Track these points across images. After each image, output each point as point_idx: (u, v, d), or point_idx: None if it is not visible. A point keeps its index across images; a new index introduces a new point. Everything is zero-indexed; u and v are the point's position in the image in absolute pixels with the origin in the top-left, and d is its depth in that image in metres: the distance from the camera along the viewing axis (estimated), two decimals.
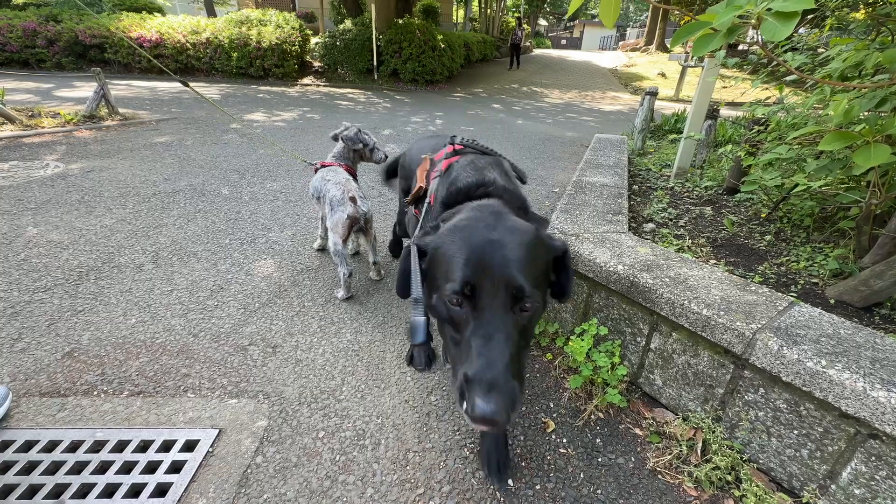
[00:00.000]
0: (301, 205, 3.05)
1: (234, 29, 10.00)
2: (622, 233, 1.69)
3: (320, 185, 2.00)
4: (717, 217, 2.29)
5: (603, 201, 2.06)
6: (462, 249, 0.79)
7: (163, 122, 5.32)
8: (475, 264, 0.76)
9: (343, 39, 10.52)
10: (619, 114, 8.51)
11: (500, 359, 0.70)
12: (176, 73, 9.97)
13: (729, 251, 1.91)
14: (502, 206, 0.97)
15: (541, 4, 33.90)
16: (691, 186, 2.78)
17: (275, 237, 2.56)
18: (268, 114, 6.37)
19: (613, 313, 1.46)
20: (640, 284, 1.32)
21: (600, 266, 1.44)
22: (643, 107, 4.07)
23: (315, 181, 2.05)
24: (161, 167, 3.67)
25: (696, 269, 1.39)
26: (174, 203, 2.96)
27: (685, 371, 1.29)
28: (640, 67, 16.83)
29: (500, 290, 0.74)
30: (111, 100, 5.17)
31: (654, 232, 2.08)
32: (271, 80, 10.20)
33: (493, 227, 0.82)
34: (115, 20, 9.97)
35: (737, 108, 5.26)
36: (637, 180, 2.99)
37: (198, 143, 4.51)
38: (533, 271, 0.78)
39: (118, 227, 2.55)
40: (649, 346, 1.38)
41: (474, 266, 0.76)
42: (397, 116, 6.81)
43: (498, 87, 11.64)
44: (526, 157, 4.72)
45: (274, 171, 3.78)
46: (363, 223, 1.94)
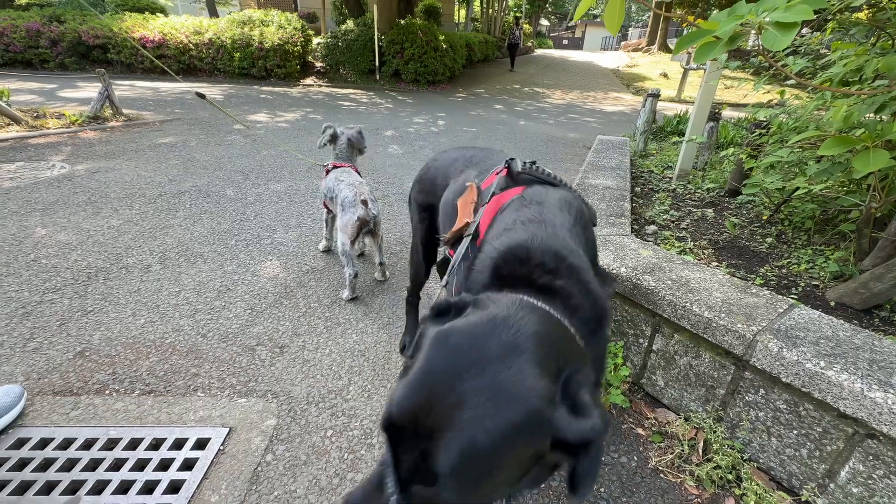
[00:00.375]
0: (305, 206, 3.08)
1: (236, 29, 10.03)
2: (625, 235, 1.71)
3: (333, 186, 2.05)
4: (719, 219, 2.31)
5: (606, 204, 2.08)
6: (420, 376, 0.50)
7: (166, 123, 5.35)
8: (412, 409, 0.47)
9: (345, 40, 10.55)
10: (620, 114, 8.53)
11: None
12: (178, 74, 10.01)
13: (730, 253, 1.93)
14: (539, 326, 0.57)
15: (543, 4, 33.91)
16: (693, 188, 2.80)
17: (280, 238, 2.59)
18: (270, 114, 6.40)
19: (616, 315, 1.48)
20: (643, 287, 1.34)
21: (603, 268, 1.46)
22: (645, 108, 4.09)
23: (329, 181, 2.10)
24: (166, 168, 3.70)
25: (698, 272, 1.42)
26: (180, 204, 2.98)
27: (687, 372, 1.31)
28: (642, 68, 16.83)
29: (419, 469, 0.45)
30: (115, 101, 5.20)
31: (656, 234, 2.10)
32: (273, 80, 10.22)
33: (480, 371, 0.49)
34: (118, 20, 10.01)
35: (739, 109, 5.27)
36: (639, 182, 3.01)
37: (202, 144, 4.54)
38: (479, 479, 0.45)
39: (125, 227, 2.58)
40: (651, 347, 1.40)
41: (410, 410, 0.47)
42: (399, 117, 6.84)
43: (500, 88, 11.66)
44: (528, 158, 4.73)
45: (278, 171, 3.80)
46: (372, 225, 1.98)
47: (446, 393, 0.47)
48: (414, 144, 5.08)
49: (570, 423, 0.49)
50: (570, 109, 8.90)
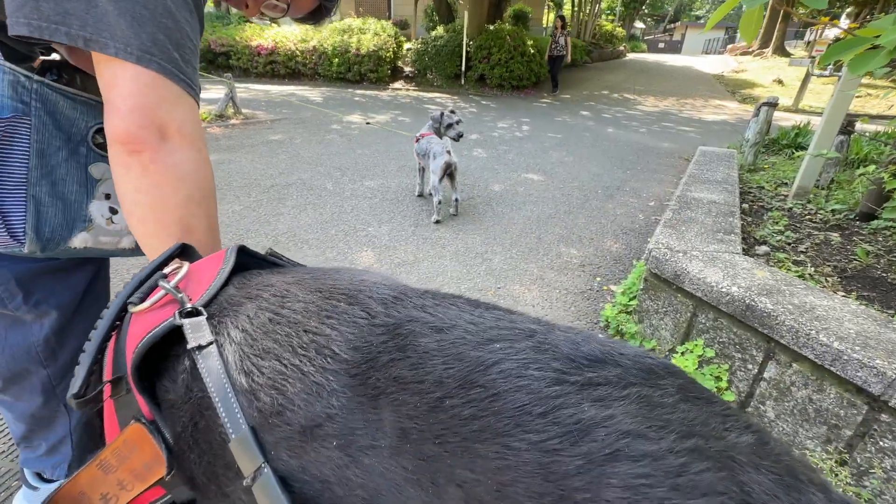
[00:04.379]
0: (396, 203, 3.27)
1: (337, 37, 10.85)
2: (735, 253, 1.60)
3: (426, 146, 2.99)
4: (847, 245, 2.06)
5: (712, 219, 1.95)
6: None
7: (276, 122, 5.96)
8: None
9: (434, 46, 10.91)
10: (723, 124, 7.84)
11: None
12: (284, 78, 11.08)
13: (861, 284, 1.72)
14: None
15: (638, 6, 32.17)
16: (814, 209, 2.51)
17: (373, 231, 2.78)
18: (363, 116, 6.84)
19: (722, 336, 1.40)
20: (758, 309, 1.25)
21: (711, 286, 1.39)
22: (758, 118, 3.74)
23: (422, 143, 3.05)
24: (276, 162, 4.13)
25: (826, 300, 1.29)
26: (288, 195, 3.33)
27: (805, 406, 1.20)
28: (751, 73, 15.27)
29: None
30: (237, 102, 5.91)
31: (768, 256, 1.93)
32: (366, 84, 10.89)
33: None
34: (239, 31, 11.33)
35: (881, 122, 4.52)
36: (747, 198, 2.77)
37: (305, 141, 4.99)
38: None
39: (245, 213, 2.94)
40: (762, 374, 1.30)
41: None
42: (483, 121, 6.93)
43: (587, 94, 11.30)
44: (617, 167, 4.56)
45: (371, 169, 4.07)
46: (453, 169, 2.88)
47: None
48: (498, 148, 5.13)
49: None
50: (665, 118, 8.36)
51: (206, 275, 0.52)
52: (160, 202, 0.58)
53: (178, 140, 0.57)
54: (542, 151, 5.10)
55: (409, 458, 0.37)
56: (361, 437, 0.39)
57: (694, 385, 0.37)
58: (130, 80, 0.52)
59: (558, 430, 0.32)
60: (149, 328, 0.47)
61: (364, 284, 0.49)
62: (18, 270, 0.75)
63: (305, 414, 0.41)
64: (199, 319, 0.46)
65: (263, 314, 0.47)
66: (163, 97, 0.55)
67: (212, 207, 0.64)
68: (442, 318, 0.43)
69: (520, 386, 0.35)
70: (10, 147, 0.61)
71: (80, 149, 0.69)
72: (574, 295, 2.18)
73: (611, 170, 4.45)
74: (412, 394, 0.38)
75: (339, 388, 0.41)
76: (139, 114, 0.53)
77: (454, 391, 0.36)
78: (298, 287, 0.49)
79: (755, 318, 1.27)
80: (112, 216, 0.76)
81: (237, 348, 0.45)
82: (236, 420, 0.41)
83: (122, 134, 0.53)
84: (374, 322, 0.43)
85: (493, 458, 0.33)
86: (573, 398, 0.34)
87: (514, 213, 3.17)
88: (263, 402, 0.42)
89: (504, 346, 0.38)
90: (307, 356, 0.43)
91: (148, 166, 0.55)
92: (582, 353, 0.37)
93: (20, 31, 0.50)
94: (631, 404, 0.33)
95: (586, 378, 0.35)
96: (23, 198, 0.63)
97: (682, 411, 0.34)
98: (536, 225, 2.99)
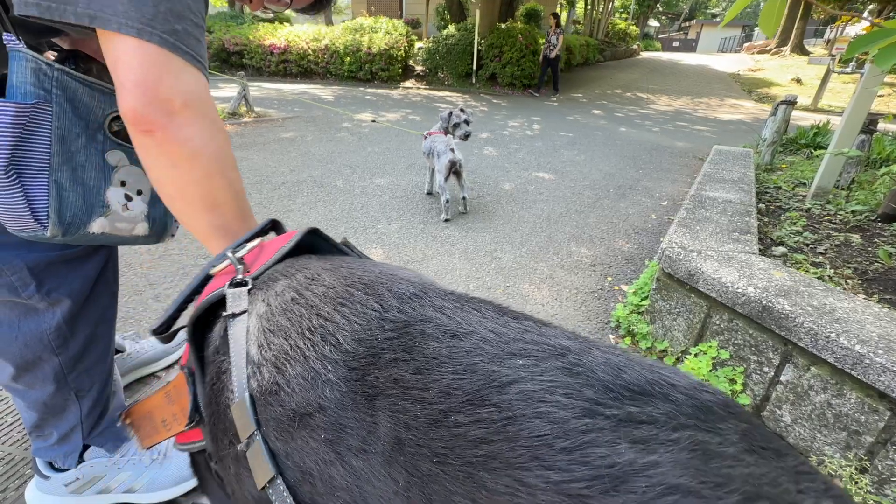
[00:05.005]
0: (406, 201, 3.27)
1: (348, 36, 10.89)
2: (752, 253, 1.56)
3: (431, 145, 3.01)
4: (868, 247, 2.00)
5: (727, 218, 1.91)
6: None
7: (288, 120, 6.01)
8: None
9: (445, 44, 10.90)
10: (739, 123, 7.69)
11: None
12: (297, 77, 11.17)
13: (883, 287, 1.66)
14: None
15: (653, 4, 31.76)
16: (834, 209, 2.45)
17: (383, 229, 2.78)
18: (374, 114, 6.85)
19: (737, 338, 1.37)
20: (776, 310, 1.22)
21: (726, 286, 1.35)
22: (775, 117, 3.66)
23: (427, 142, 3.07)
24: (287, 160, 4.16)
25: (847, 301, 1.25)
26: (299, 192, 3.34)
27: (823, 411, 1.16)
28: (768, 72, 14.98)
29: None
30: (250, 100, 5.97)
31: (785, 257, 1.88)
32: (377, 82, 10.92)
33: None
34: (253, 30, 11.45)
35: None
36: (764, 199, 2.71)
37: (316, 139, 5.02)
38: None
39: (257, 209, 2.96)
40: (779, 377, 1.27)
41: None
42: (494, 120, 6.90)
43: (599, 93, 11.19)
44: (630, 166, 4.50)
45: (381, 167, 4.07)
46: (458, 167, 2.83)
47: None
48: (509, 147, 5.10)
49: None
50: (679, 117, 8.23)
51: (273, 249, 0.55)
52: (181, 181, 0.59)
53: (185, 114, 0.56)
54: (554, 150, 5.06)
55: (401, 473, 0.33)
56: (351, 437, 0.36)
57: (761, 431, 0.31)
58: (132, 54, 0.52)
59: (586, 472, 0.26)
60: (210, 291, 0.51)
61: (388, 277, 0.47)
62: (31, 260, 0.76)
63: (298, 399, 0.39)
64: (241, 290, 0.49)
65: (289, 293, 0.47)
66: (165, 70, 0.54)
67: (234, 176, 0.65)
68: (459, 322, 0.39)
69: (541, 413, 0.29)
70: (33, 133, 0.62)
71: (98, 136, 0.71)
72: (584, 294, 2.15)
73: (623, 169, 4.39)
74: (413, 401, 0.34)
75: (334, 379, 0.39)
76: (143, 89, 0.53)
77: (461, 406, 0.32)
78: (330, 273, 0.49)
79: (772, 319, 1.23)
80: (127, 202, 0.77)
81: (258, 320, 0.46)
82: (242, 386, 0.42)
83: (131, 112, 0.54)
84: (384, 316, 0.41)
85: (501, 493, 0.28)
86: (608, 435, 0.28)
87: (524, 212, 3.14)
88: (264, 376, 0.42)
89: (528, 363, 0.33)
90: (312, 340, 0.42)
91: (162, 145, 0.56)
92: (623, 382, 0.31)
93: (29, 11, 0.51)
94: (682, 451, 0.27)
95: (626, 413, 0.29)
96: (46, 183, 0.65)
97: (747, 465, 0.27)
98: (547, 224, 2.97)
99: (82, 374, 0.91)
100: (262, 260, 0.54)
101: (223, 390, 0.45)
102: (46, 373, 0.87)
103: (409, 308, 0.42)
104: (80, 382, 0.91)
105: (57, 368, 0.87)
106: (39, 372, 0.86)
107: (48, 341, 0.84)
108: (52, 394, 0.89)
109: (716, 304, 1.42)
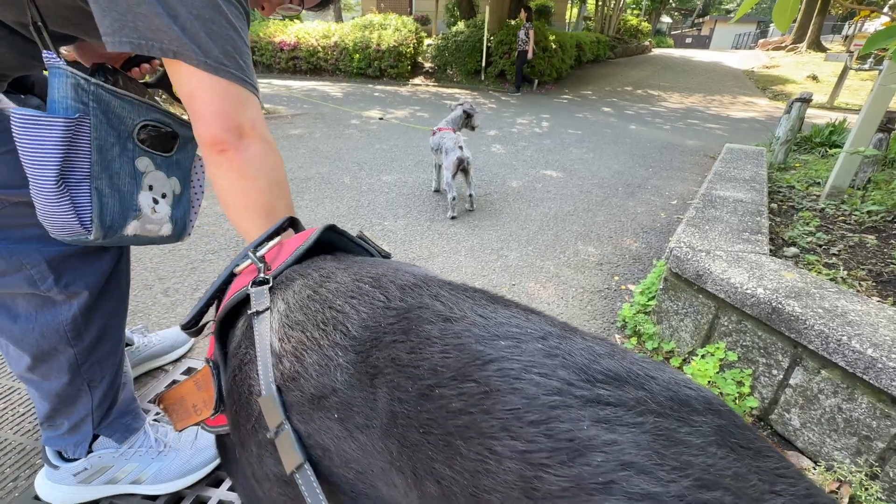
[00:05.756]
0: (413, 198, 3.27)
1: (358, 33, 10.89)
2: (762, 254, 1.53)
3: (439, 141, 2.98)
4: (884, 248, 1.95)
5: (738, 218, 1.88)
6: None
7: (297, 117, 6.04)
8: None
9: (455, 41, 10.86)
10: (752, 122, 7.57)
11: None
12: (306, 74, 11.21)
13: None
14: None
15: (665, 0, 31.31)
16: (848, 210, 2.40)
17: (390, 226, 2.78)
18: (382, 111, 6.86)
19: (745, 339, 1.34)
20: (785, 312, 1.20)
21: (735, 287, 1.33)
22: (790, 115, 3.59)
23: (435, 138, 3.05)
24: (296, 156, 4.18)
25: (859, 304, 1.22)
26: (306, 189, 3.36)
27: (834, 416, 1.14)
28: (783, 69, 14.70)
29: None
30: (259, 97, 6.00)
31: (797, 258, 1.84)
32: (386, 79, 10.92)
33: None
34: (263, 27, 11.50)
35: None
36: (776, 198, 2.66)
37: (324, 136, 5.03)
38: None
39: None
40: (787, 381, 1.24)
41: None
42: (503, 117, 6.86)
43: (609, 90, 11.07)
44: (639, 164, 4.46)
45: (389, 164, 4.08)
46: (466, 164, 2.83)
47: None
48: (517, 144, 5.07)
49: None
50: (690, 114, 8.12)
51: (293, 247, 0.59)
52: (247, 191, 0.68)
53: (252, 136, 0.66)
54: (562, 148, 5.02)
55: (395, 444, 0.36)
56: (357, 414, 0.39)
57: (743, 432, 0.30)
58: (210, 89, 0.61)
59: (548, 444, 0.28)
60: (235, 290, 0.55)
61: (394, 273, 0.51)
62: (50, 254, 0.80)
63: (315, 383, 0.43)
64: (263, 289, 0.52)
65: (305, 290, 0.51)
66: (237, 102, 0.64)
67: (286, 188, 0.75)
68: (452, 307, 0.42)
69: (516, 388, 0.31)
70: (78, 144, 0.67)
71: (128, 144, 0.76)
72: (591, 293, 2.14)
73: (632, 167, 4.34)
74: (406, 377, 0.37)
75: (344, 363, 0.42)
76: (221, 118, 0.62)
77: (447, 381, 0.34)
78: (343, 272, 0.53)
79: (782, 321, 1.21)
80: (154, 205, 0.82)
81: (278, 316, 0.49)
82: (269, 379, 0.45)
83: (210, 137, 0.63)
84: (388, 305, 0.45)
85: (473, 460, 0.30)
86: (573, 412, 0.29)
87: (531, 210, 3.13)
88: (285, 366, 0.46)
89: (510, 344, 0.36)
90: (325, 330, 0.45)
91: (234, 161, 0.65)
92: (599, 367, 0.33)
93: (123, 48, 0.58)
94: (643, 434, 0.28)
95: (595, 394, 0.31)
96: (88, 190, 0.70)
97: (712, 456, 0.27)
98: (554, 222, 2.95)
99: (95, 365, 0.93)
100: (281, 258, 0.58)
101: (245, 379, 0.49)
102: (61, 363, 0.89)
103: (409, 297, 0.45)
104: (92, 373, 0.93)
105: (71, 359, 0.90)
106: (55, 363, 0.89)
107: (64, 332, 0.87)
108: (65, 384, 0.91)
109: (724, 305, 1.40)
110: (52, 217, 0.68)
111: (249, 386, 0.48)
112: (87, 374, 0.93)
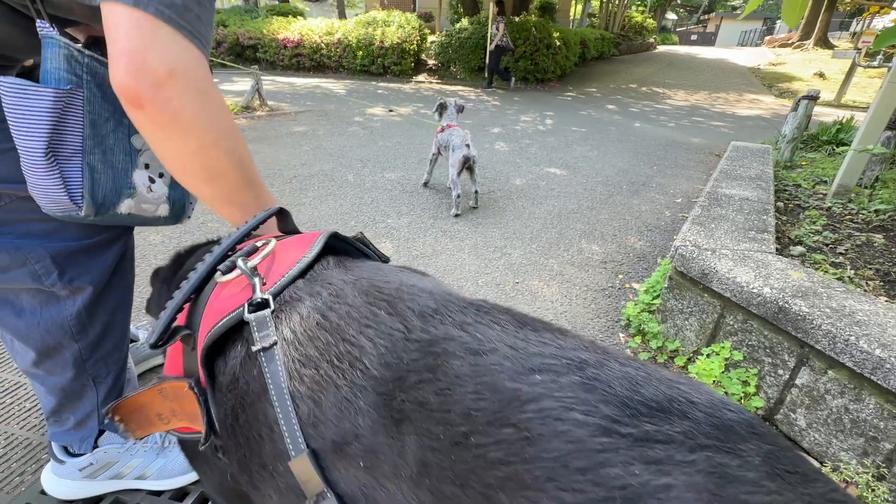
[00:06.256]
0: (416, 195, 3.26)
1: (361, 30, 10.86)
2: (768, 253, 1.52)
3: (447, 137, 2.98)
4: (892, 247, 1.93)
5: (744, 216, 1.87)
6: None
7: (300, 114, 6.03)
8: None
9: (458, 38, 10.81)
10: (758, 119, 7.51)
11: None
12: (310, 70, 11.20)
13: None
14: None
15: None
16: (856, 208, 2.37)
17: (393, 223, 2.78)
18: (385, 108, 6.85)
19: (751, 339, 1.34)
20: (792, 311, 1.19)
21: (741, 286, 1.32)
22: (797, 112, 3.56)
23: (443, 135, 3.04)
24: (299, 153, 4.18)
25: (867, 304, 1.21)
26: (309, 186, 3.36)
27: (840, 416, 1.13)
28: (790, 66, 14.57)
29: None
30: (263, 94, 6.00)
31: (803, 257, 1.83)
32: (389, 76, 10.89)
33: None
34: (267, 24, 11.49)
35: None
36: (782, 197, 2.64)
37: (328, 133, 5.03)
38: None
39: None
40: (794, 381, 1.24)
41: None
42: (506, 115, 6.84)
43: (614, 87, 11.00)
44: (644, 162, 4.43)
45: (392, 162, 4.07)
46: (472, 163, 2.83)
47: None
48: (521, 142, 5.05)
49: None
50: (695, 112, 8.07)
51: (290, 256, 0.52)
52: (178, 153, 0.60)
53: (172, 85, 0.54)
54: (566, 145, 5.00)
55: (427, 495, 0.33)
56: (384, 463, 0.36)
57: (787, 454, 0.29)
58: (124, 22, 0.51)
59: (599, 494, 0.26)
60: (223, 313, 0.48)
61: (409, 292, 0.46)
62: (54, 249, 0.79)
63: (336, 430, 0.39)
64: (264, 314, 0.45)
65: (314, 315, 0.45)
66: (154, 40, 0.52)
67: (233, 145, 0.64)
68: (480, 338, 0.38)
69: (559, 431, 0.29)
70: (68, 117, 0.65)
71: (124, 119, 0.73)
72: (595, 292, 2.13)
73: (637, 165, 4.32)
74: (436, 423, 0.34)
75: (365, 406, 0.38)
76: (129, 56, 0.51)
77: (483, 427, 0.32)
78: (352, 287, 0.48)
79: (788, 320, 1.20)
80: (150, 185, 0.80)
81: (287, 349, 0.44)
82: (298, 439, 0.40)
83: (120, 86, 0.52)
84: (409, 337, 0.41)
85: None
86: (622, 455, 0.27)
87: (534, 208, 3.12)
88: (302, 411, 0.41)
89: (546, 378, 0.33)
90: (341, 368, 0.41)
91: (153, 119, 0.55)
92: (641, 398, 0.31)
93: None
94: (697, 474, 0.26)
95: (642, 431, 0.29)
96: (79, 165, 0.67)
97: (767, 492, 0.26)
98: (558, 220, 2.94)
99: (100, 360, 0.93)
100: (276, 269, 0.52)
101: (254, 424, 0.44)
102: (66, 359, 0.89)
103: (431, 327, 0.41)
104: (97, 369, 0.94)
105: (76, 354, 0.90)
106: (59, 358, 0.89)
107: (68, 328, 0.87)
108: (70, 379, 0.91)
109: (730, 304, 1.39)
110: (41, 190, 0.66)
111: (260, 432, 0.44)
112: (93, 369, 0.93)
